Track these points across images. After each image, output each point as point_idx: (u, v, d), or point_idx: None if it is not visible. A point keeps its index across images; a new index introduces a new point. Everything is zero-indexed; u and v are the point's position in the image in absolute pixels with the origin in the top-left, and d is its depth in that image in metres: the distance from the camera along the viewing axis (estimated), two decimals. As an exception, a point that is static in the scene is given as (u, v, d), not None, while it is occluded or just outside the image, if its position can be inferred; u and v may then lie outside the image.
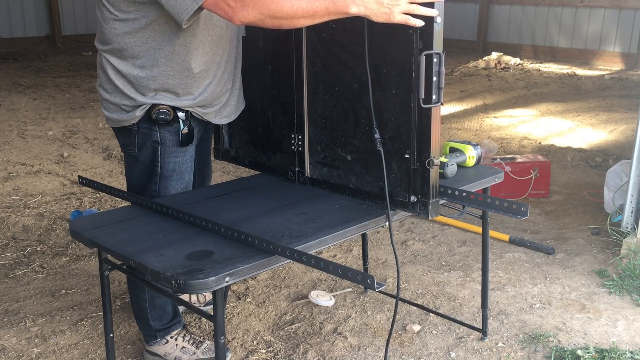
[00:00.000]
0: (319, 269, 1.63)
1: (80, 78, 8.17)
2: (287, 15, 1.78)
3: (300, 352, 2.56)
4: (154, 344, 2.47)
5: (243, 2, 1.79)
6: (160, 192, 2.24)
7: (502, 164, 4.16)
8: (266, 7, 1.77)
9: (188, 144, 2.22)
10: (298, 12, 1.77)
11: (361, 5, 1.77)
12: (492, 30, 11.06)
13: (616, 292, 2.99)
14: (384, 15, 1.78)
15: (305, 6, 1.77)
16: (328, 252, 3.44)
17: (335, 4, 1.77)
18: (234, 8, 1.80)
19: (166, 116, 2.13)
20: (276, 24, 1.83)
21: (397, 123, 1.94)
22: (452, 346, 2.60)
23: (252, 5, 1.78)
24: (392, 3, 1.76)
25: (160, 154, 2.19)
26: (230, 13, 1.81)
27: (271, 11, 1.78)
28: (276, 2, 1.77)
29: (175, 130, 2.17)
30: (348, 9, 1.77)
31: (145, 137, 2.17)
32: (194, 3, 1.86)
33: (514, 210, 1.93)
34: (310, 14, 1.78)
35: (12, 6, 10.12)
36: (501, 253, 3.44)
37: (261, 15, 1.79)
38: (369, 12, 1.78)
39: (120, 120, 2.17)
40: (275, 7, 1.77)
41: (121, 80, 2.11)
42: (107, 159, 5.09)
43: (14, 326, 2.76)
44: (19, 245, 3.56)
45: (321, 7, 1.77)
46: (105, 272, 2.07)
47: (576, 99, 7.37)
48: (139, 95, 2.11)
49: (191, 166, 2.31)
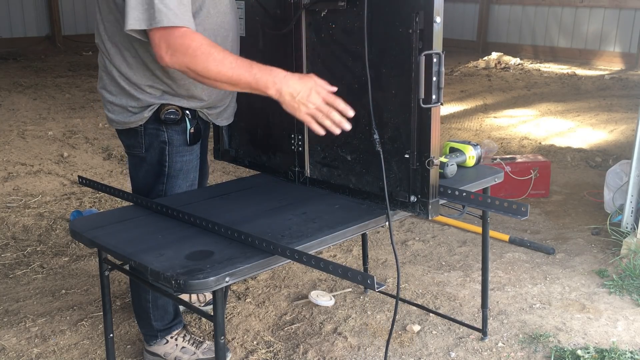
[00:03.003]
0: (319, 269, 1.63)
1: (80, 78, 8.17)
2: (211, 77, 1.86)
3: (300, 352, 2.56)
4: (154, 344, 2.47)
5: (174, 52, 1.84)
6: (166, 192, 2.24)
7: (502, 164, 4.16)
8: (194, 64, 1.84)
9: (195, 143, 2.22)
10: (222, 78, 1.86)
11: (278, 92, 1.86)
12: (492, 30, 11.06)
13: (616, 292, 2.99)
14: (292, 109, 1.87)
15: (230, 74, 1.85)
16: (328, 252, 3.44)
17: (257, 82, 1.85)
18: (165, 55, 1.85)
19: (175, 116, 2.13)
20: (199, 80, 1.91)
21: (397, 123, 1.94)
22: (452, 346, 2.60)
23: (181, 57, 1.84)
24: (302, 102, 1.85)
25: (168, 154, 2.19)
26: (160, 55, 1.87)
27: (197, 69, 1.85)
28: (204, 63, 1.83)
29: (182, 130, 2.17)
30: (267, 90, 1.86)
31: (153, 137, 2.17)
32: (144, 23, 1.86)
33: (514, 210, 1.93)
34: (234, 82, 1.87)
35: (12, 6, 10.12)
36: (501, 253, 3.44)
37: (187, 69, 1.87)
38: (282, 99, 1.87)
39: (127, 122, 2.15)
40: (202, 67, 1.84)
41: (126, 81, 2.09)
42: (107, 159, 5.09)
43: (14, 326, 2.76)
44: (19, 245, 3.56)
45: (244, 79, 1.85)
46: (105, 272, 2.07)
47: (576, 99, 7.38)
48: (146, 95, 2.09)
49: (196, 164, 2.31)
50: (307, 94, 1.85)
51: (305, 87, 1.86)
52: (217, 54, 1.85)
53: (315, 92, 1.86)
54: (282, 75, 1.86)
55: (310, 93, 1.86)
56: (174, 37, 1.84)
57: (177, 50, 1.84)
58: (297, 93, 1.85)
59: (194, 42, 1.84)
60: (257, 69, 1.85)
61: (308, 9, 2.09)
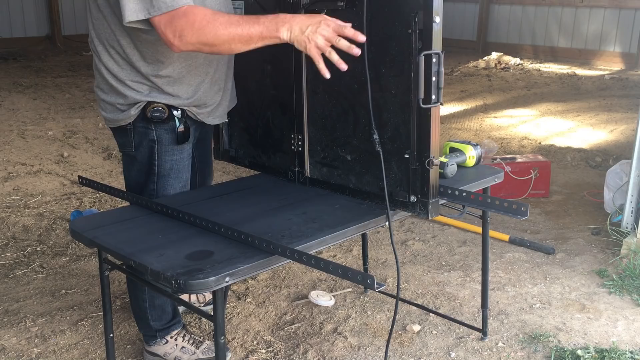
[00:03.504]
0: (319, 269, 1.63)
1: (80, 78, 8.17)
2: (225, 41, 1.86)
3: (300, 352, 2.56)
4: (153, 344, 2.47)
5: (182, 34, 1.84)
6: (158, 191, 2.24)
7: (502, 164, 4.16)
8: (204, 36, 1.85)
9: (184, 142, 2.21)
10: (235, 37, 1.86)
11: (288, 30, 1.86)
12: (492, 30, 11.06)
13: (616, 292, 2.99)
14: (303, 44, 1.86)
15: (241, 32, 1.85)
16: (328, 252, 3.44)
17: (268, 29, 1.86)
18: (173, 40, 1.86)
19: (161, 114, 2.13)
20: (214, 51, 1.91)
21: (397, 123, 1.94)
22: (452, 346, 2.60)
23: (190, 36, 1.85)
24: (311, 36, 1.84)
25: (157, 152, 2.19)
26: (169, 42, 1.87)
27: (209, 40, 1.86)
28: (213, 31, 1.84)
29: (171, 129, 2.17)
30: (278, 32, 1.86)
31: (142, 136, 2.17)
32: (141, 13, 1.86)
33: (514, 210, 1.93)
34: (246, 39, 1.86)
35: (12, 6, 10.12)
36: (501, 253, 3.44)
37: (199, 45, 1.87)
38: (292, 36, 1.86)
39: (117, 120, 2.17)
40: (213, 35, 1.85)
41: (114, 79, 2.11)
42: (107, 159, 5.09)
43: (14, 326, 2.76)
44: (19, 245, 3.56)
45: (255, 32, 1.86)
46: (105, 272, 2.07)
47: (576, 99, 7.37)
48: (133, 92, 2.10)
49: (189, 164, 2.30)
50: (315, 27, 1.85)
51: (314, 21, 1.86)
52: (222, 17, 1.86)
53: (325, 24, 1.86)
54: (289, 16, 1.88)
55: (319, 25, 1.85)
56: (177, 19, 1.84)
57: (184, 30, 1.84)
58: (307, 27, 1.85)
59: (197, 16, 1.85)
60: (263, 18, 1.87)
61: (307, 8, 2.09)
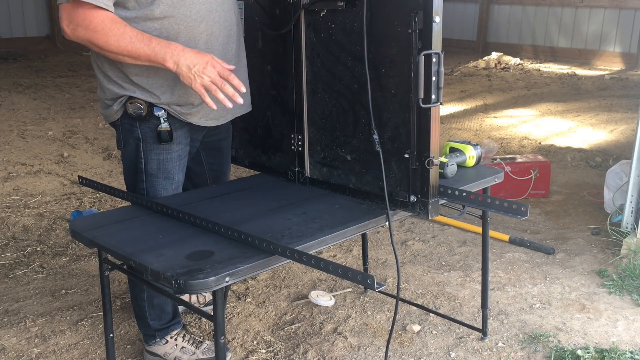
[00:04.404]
0: (319, 269, 1.63)
1: (80, 78, 8.17)
2: (112, 50, 1.97)
3: (300, 352, 2.56)
4: (153, 344, 2.47)
5: (75, 26, 1.95)
6: (148, 191, 2.23)
7: (502, 164, 4.16)
8: (95, 38, 1.95)
9: (167, 141, 2.18)
10: (123, 51, 1.96)
11: (175, 63, 1.95)
12: (492, 30, 11.06)
13: (616, 292, 2.99)
14: (188, 80, 1.96)
15: (130, 49, 1.95)
16: (328, 252, 3.44)
17: (155, 55, 1.95)
18: (67, 28, 1.97)
19: (140, 110, 2.13)
20: (104, 54, 2.02)
21: (397, 123, 1.94)
22: (452, 346, 2.60)
23: (82, 32, 1.96)
24: (197, 74, 1.94)
25: (143, 150, 2.20)
26: (62, 28, 1.98)
27: (99, 43, 1.96)
28: (105, 38, 1.94)
29: (154, 127, 2.16)
30: (165, 62, 1.95)
31: (128, 133, 2.19)
32: None
33: (514, 210, 1.93)
34: (134, 56, 1.96)
35: (12, 6, 10.12)
36: (501, 253, 3.44)
37: (89, 43, 1.99)
38: (179, 71, 1.96)
39: (107, 116, 2.22)
40: (103, 42, 1.95)
41: (102, 74, 2.15)
42: (107, 159, 5.09)
43: (14, 326, 2.76)
44: (19, 245, 3.56)
45: (143, 53, 1.95)
46: (105, 272, 2.07)
47: (576, 99, 7.38)
48: (115, 87, 2.12)
49: (179, 166, 2.27)
50: (203, 67, 1.94)
51: (202, 61, 1.95)
52: (118, 29, 1.94)
53: (211, 65, 1.95)
54: (179, 48, 1.95)
55: (206, 66, 1.94)
56: (76, 12, 1.93)
57: (78, 24, 1.95)
58: (194, 65, 1.94)
59: (96, 19, 1.93)
60: (155, 42, 1.95)
61: (307, 9, 2.09)
